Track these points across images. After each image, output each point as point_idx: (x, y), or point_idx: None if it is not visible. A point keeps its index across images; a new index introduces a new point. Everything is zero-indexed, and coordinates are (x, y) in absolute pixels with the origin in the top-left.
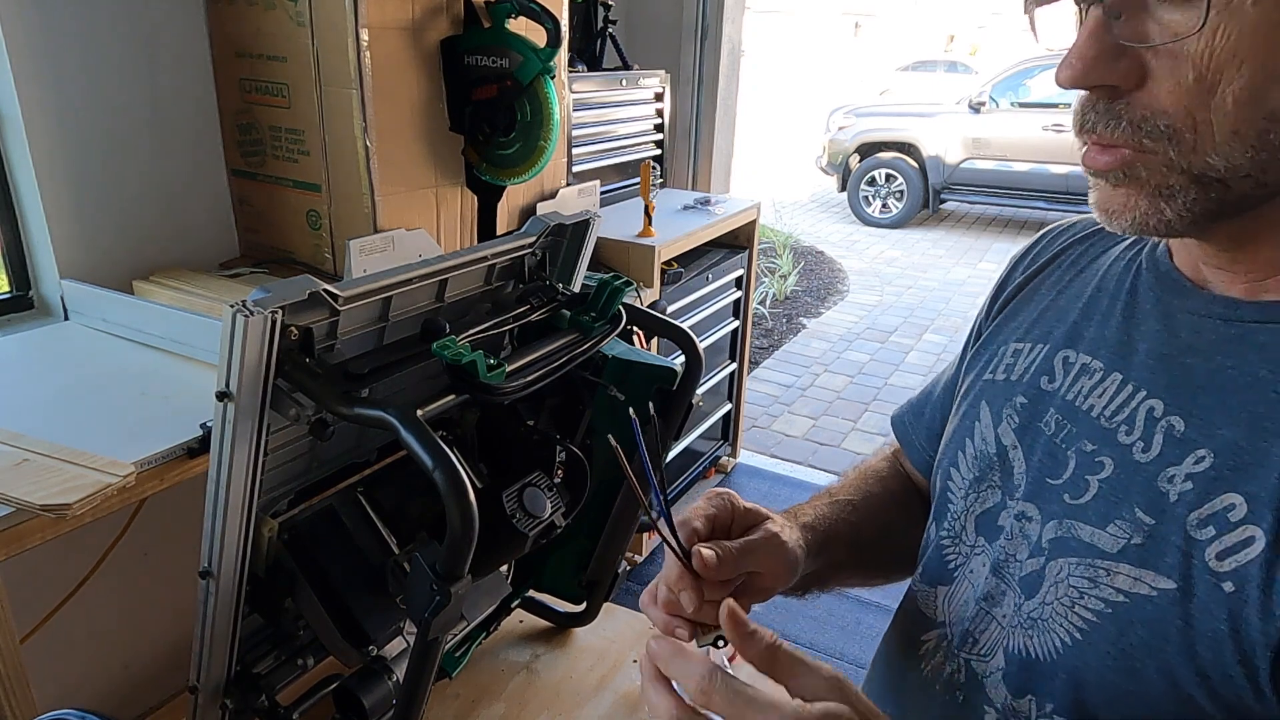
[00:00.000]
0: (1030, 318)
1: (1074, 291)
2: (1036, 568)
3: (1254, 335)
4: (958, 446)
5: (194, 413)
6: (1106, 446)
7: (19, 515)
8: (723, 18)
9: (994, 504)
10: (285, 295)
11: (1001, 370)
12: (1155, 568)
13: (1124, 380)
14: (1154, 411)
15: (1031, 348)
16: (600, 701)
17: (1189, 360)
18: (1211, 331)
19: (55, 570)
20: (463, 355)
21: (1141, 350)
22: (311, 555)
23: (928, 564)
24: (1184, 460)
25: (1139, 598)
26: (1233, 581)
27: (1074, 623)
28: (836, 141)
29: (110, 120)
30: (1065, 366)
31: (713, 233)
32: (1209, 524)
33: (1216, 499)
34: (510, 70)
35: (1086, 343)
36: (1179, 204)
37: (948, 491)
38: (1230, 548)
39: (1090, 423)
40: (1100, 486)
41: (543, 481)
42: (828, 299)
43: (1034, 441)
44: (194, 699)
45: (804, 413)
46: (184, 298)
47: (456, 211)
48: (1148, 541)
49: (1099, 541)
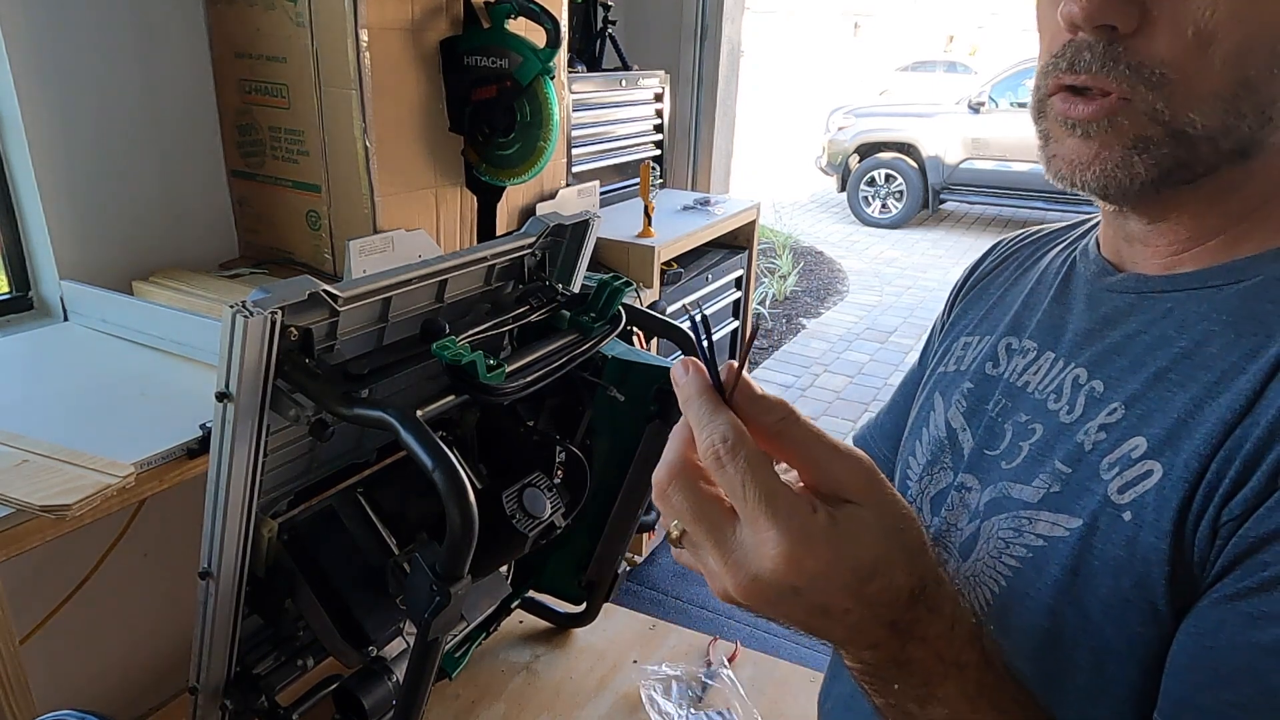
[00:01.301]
0: (979, 314)
1: (1019, 288)
2: (972, 531)
3: (1162, 303)
4: (915, 437)
5: (194, 413)
6: (1038, 415)
7: (19, 516)
8: (722, 18)
9: (945, 484)
10: (285, 296)
11: (953, 362)
12: (1069, 510)
13: (1055, 357)
14: (1079, 379)
15: (980, 339)
16: (600, 702)
17: (1108, 332)
18: (1126, 304)
19: (55, 570)
20: (463, 355)
21: (1069, 329)
22: (311, 556)
23: None
24: (1098, 415)
25: (1054, 539)
26: (1130, 510)
27: (1000, 572)
28: (836, 142)
29: (110, 120)
30: (1008, 352)
31: (712, 233)
32: (1115, 465)
33: (1124, 443)
34: (510, 71)
35: (1026, 330)
36: (1150, 159)
37: (905, 479)
38: (1130, 481)
39: (1026, 397)
40: (1030, 449)
41: (542, 482)
42: (827, 299)
43: (979, 422)
44: (194, 699)
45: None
46: (184, 298)
47: (456, 212)
48: (1064, 489)
49: (1024, 495)
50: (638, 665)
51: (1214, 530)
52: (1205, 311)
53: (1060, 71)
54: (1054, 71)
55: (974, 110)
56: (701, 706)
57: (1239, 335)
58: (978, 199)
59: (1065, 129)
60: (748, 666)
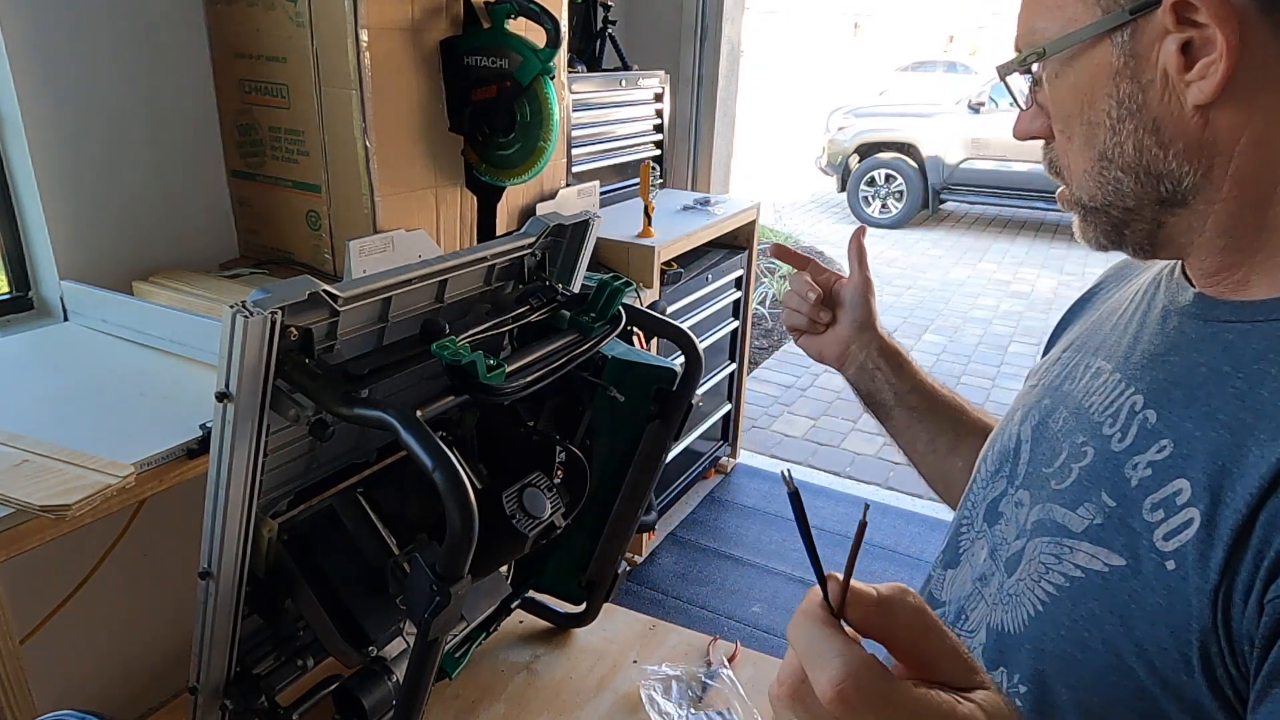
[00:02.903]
0: (1077, 331)
1: (1112, 306)
2: (1019, 548)
3: (1224, 334)
4: (992, 444)
5: (194, 413)
6: (1093, 438)
7: (19, 516)
8: (722, 18)
9: (999, 492)
10: (285, 296)
11: (1044, 376)
12: (1110, 546)
13: (1121, 379)
14: (1135, 405)
15: (1070, 356)
16: (600, 702)
17: (1172, 358)
18: (1193, 330)
19: (55, 570)
20: (462, 356)
21: (1139, 351)
22: (311, 556)
23: (945, 548)
24: (1149, 449)
25: (1093, 573)
26: (1174, 560)
27: (1039, 596)
28: (836, 142)
29: (110, 121)
30: (1085, 370)
31: (712, 233)
32: (1160, 508)
33: (1169, 484)
34: (510, 71)
35: (1105, 349)
36: (1094, 228)
37: (975, 480)
38: (1175, 529)
39: (1086, 417)
40: (1080, 473)
41: (542, 482)
42: None
43: (1042, 436)
44: (194, 699)
45: (804, 413)
46: (183, 298)
47: (456, 212)
48: (1107, 522)
49: (1069, 522)
50: (638, 665)
51: (1260, 606)
52: (1263, 350)
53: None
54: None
55: (974, 110)
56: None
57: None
58: (978, 199)
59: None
60: (748, 666)
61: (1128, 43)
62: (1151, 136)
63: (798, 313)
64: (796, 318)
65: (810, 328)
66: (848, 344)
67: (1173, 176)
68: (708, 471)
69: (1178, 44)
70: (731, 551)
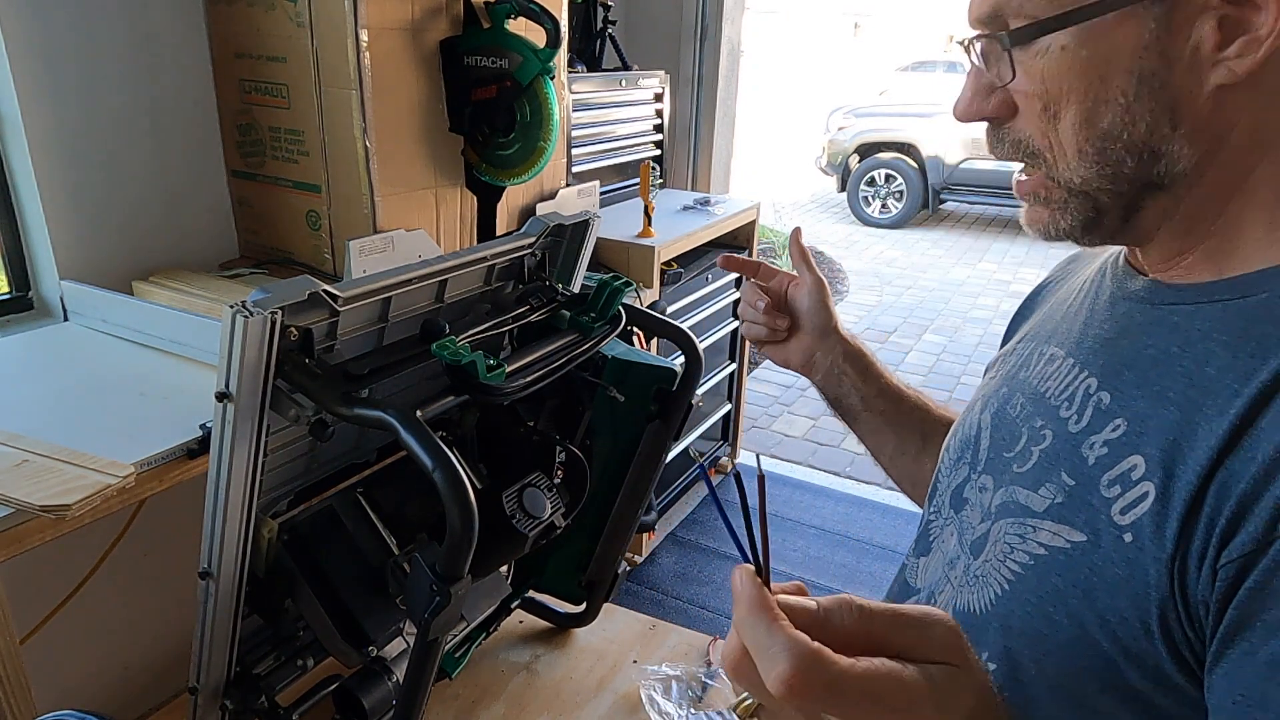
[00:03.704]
0: (1031, 323)
1: (1061, 296)
2: (984, 531)
3: (1170, 316)
4: (954, 433)
5: (194, 413)
6: (1051, 421)
7: (19, 516)
8: (722, 18)
9: (962, 479)
10: (285, 296)
11: (1001, 367)
12: (1071, 523)
13: (1074, 363)
14: (1090, 388)
15: (1024, 347)
16: (600, 702)
17: (1123, 342)
18: (1140, 314)
19: (55, 570)
20: (462, 356)
21: (1091, 336)
22: (311, 556)
23: (918, 539)
24: (1104, 429)
25: (1056, 550)
26: (1131, 533)
27: (1004, 575)
28: (836, 142)
29: (110, 121)
30: (1039, 358)
31: (712, 233)
32: (1116, 483)
33: (1124, 461)
34: (510, 71)
35: (1057, 336)
36: (1068, 214)
37: (939, 471)
38: (1131, 503)
39: (1043, 401)
40: (1040, 455)
41: (542, 482)
42: None
43: (1000, 422)
44: (194, 700)
45: (804, 413)
46: (183, 298)
47: (456, 212)
48: (1068, 500)
49: (1031, 503)
50: (638, 665)
51: (1214, 571)
52: (1208, 330)
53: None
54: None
55: None
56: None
57: (1235, 356)
58: (978, 199)
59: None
60: None
61: (1163, 16)
62: (1166, 115)
63: (754, 323)
64: (754, 328)
65: (770, 335)
66: (811, 350)
67: (1172, 158)
68: (708, 471)
69: (1217, 19)
70: (731, 551)
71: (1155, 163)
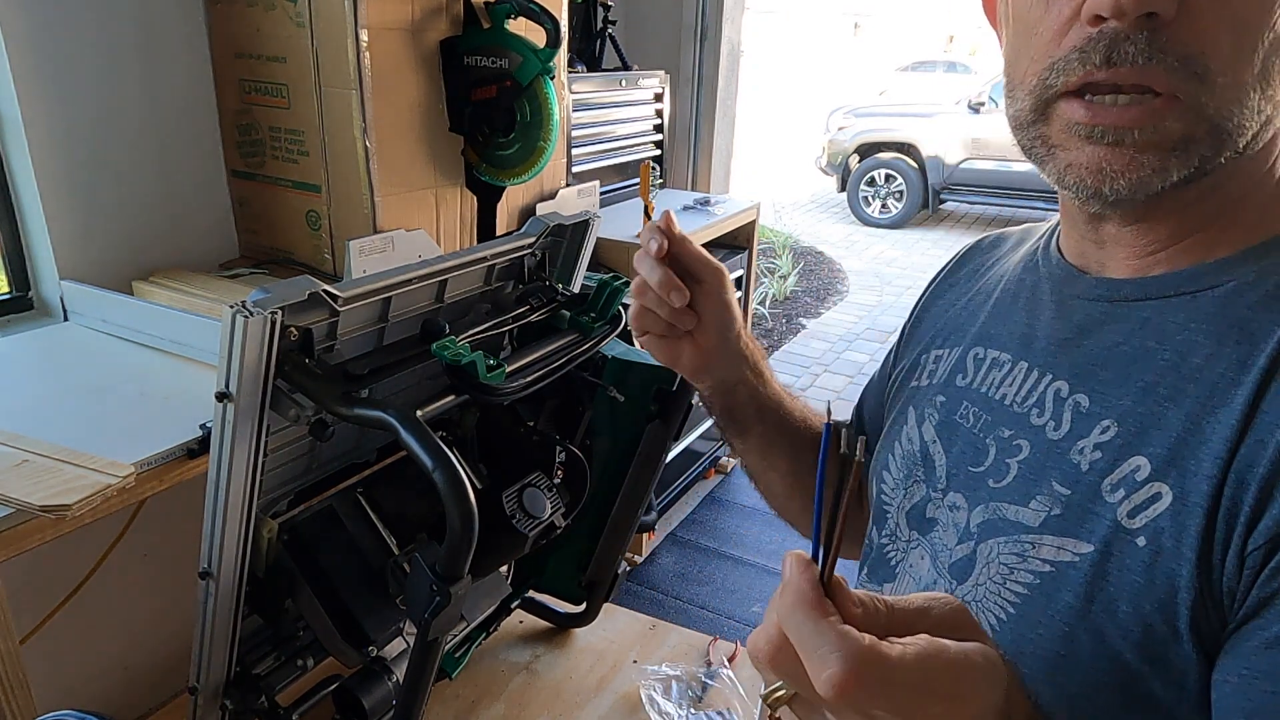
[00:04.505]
0: (945, 324)
1: (980, 296)
2: (966, 553)
3: (1137, 312)
4: (888, 451)
5: (194, 413)
6: (1022, 430)
7: (19, 516)
8: (722, 18)
9: (920, 498)
10: (285, 296)
11: (925, 376)
12: (1075, 535)
13: (1030, 367)
14: (1060, 392)
15: (948, 352)
16: (600, 702)
17: (1085, 341)
18: (1100, 312)
19: (55, 570)
20: (462, 356)
21: (1041, 338)
22: (311, 556)
23: (871, 565)
24: (1091, 432)
25: (1063, 565)
26: (1144, 536)
27: (1007, 599)
28: (836, 142)
29: (110, 121)
30: (976, 362)
31: (712, 233)
32: (1119, 487)
33: (1124, 463)
34: (510, 71)
35: (994, 339)
36: (1186, 160)
37: (881, 494)
38: (1139, 505)
39: (1004, 410)
40: (1019, 468)
41: (542, 482)
42: (827, 299)
43: (953, 435)
44: (194, 700)
45: None
46: (183, 298)
47: (456, 212)
48: (1066, 511)
49: (1023, 518)
50: (638, 665)
51: (1241, 560)
52: (1183, 321)
53: (1092, 66)
54: (1078, 67)
55: (974, 110)
56: (701, 706)
57: (1222, 344)
58: (978, 199)
59: (1082, 136)
60: (748, 666)
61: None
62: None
63: (653, 312)
64: (651, 320)
65: (667, 331)
66: (709, 353)
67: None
68: (708, 471)
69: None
70: (731, 551)
71: (1270, 125)
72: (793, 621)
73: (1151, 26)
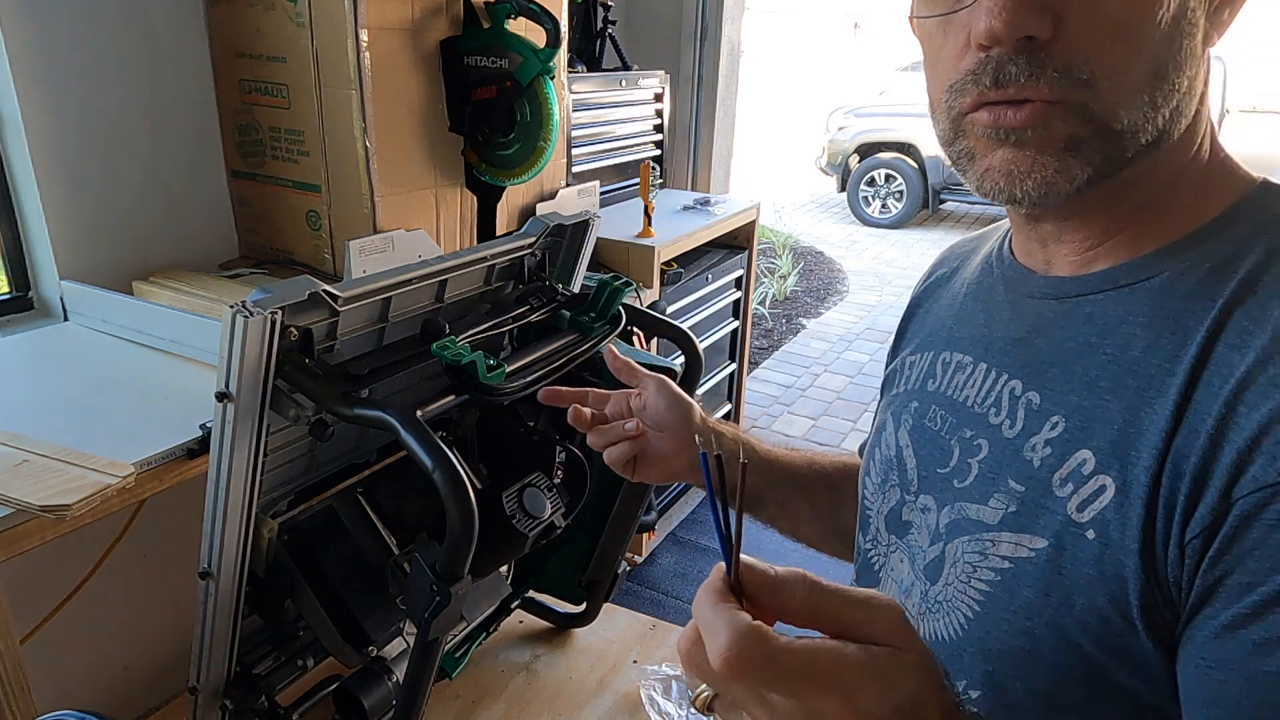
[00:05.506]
0: (919, 332)
1: (947, 301)
2: (937, 553)
3: (1081, 307)
4: (870, 457)
5: (194, 413)
6: (981, 430)
7: (19, 516)
8: (722, 18)
9: (895, 502)
10: (285, 296)
11: (902, 383)
12: (1030, 530)
13: (989, 368)
14: (1014, 390)
15: (921, 357)
16: (600, 702)
17: (1037, 340)
18: (1049, 311)
19: (55, 570)
20: (462, 356)
21: (998, 339)
22: (311, 556)
23: (859, 571)
24: (1042, 429)
25: (1021, 560)
26: (1093, 529)
27: (972, 597)
28: (836, 142)
29: (110, 121)
30: (944, 366)
31: (712, 233)
32: (1068, 481)
33: (1071, 457)
34: (510, 71)
35: (958, 342)
36: (1083, 159)
37: (864, 500)
38: (1087, 498)
39: (967, 411)
40: (980, 467)
41: (542, 482)
42: (827, 299)
43: (922, 438)
44: (194, 700)
45: (804, 413)
46: (183, 298)
47: (456, 212)
48: (1021, 508)
49: (983, 516)
50: (638, 665)
51: (1181, 550)
52: (1123, 315)
53: (984, 88)
54: (971, 89)
55: None
56: None
57: (1158, 336)
58: (977, 199)
59: (994, 141)
60: None
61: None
62: (1192, 60)
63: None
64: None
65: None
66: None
67: (1179, 115)
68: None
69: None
70: None
71: (1177, 118)
72: (697, 610)
73: (1030, 48)
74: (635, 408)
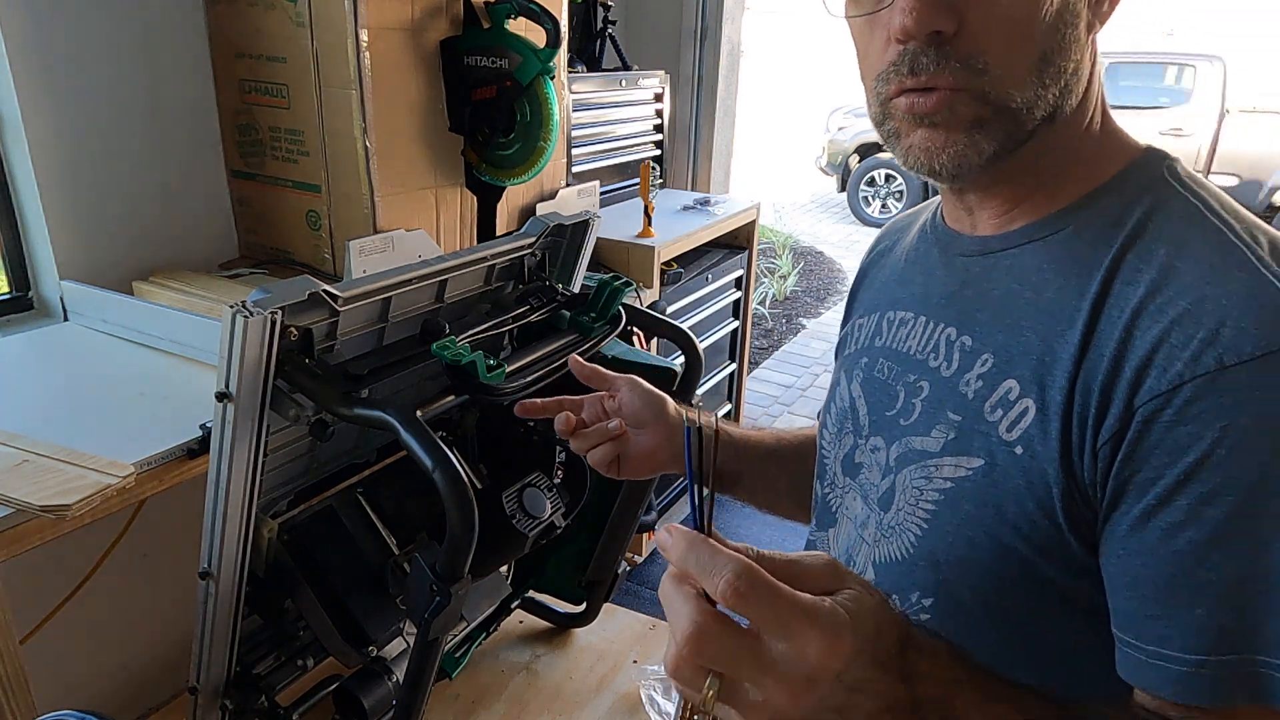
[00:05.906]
0: (866, 298)
1: (890, 268)
2: (888, 486)
3: (1004, 260)
4: (827, 410)
5: (194, 413)
6: (924, 374)
7: (19, 516)
8: (722, 18)
9: (849, 447)
10: (285, 296)
11: (853, 344)
12: (968, 452)
13: (928, 320)
14: (950, 336)
15: (869, 319)
16: (600, 702)
17: (967, 292)
18: (976, 266)
19: (55, 570)
20: (462, 356)
21: (935, 294)
22: (311, 556)
23: (818, 515)
24: (974, 366)
25: (960, 479)
26: (1021, 445)
27: (920, 517)
28: (836, 142)
29: (110, 121)
30: (889, 324)
31: (712, 233)
32: (998, 408)
33: (999, 387)
34: (510, 71)
35: (901, 301)
36: (988, 136)
37: (822, 449)
38: (1014, 420)
39: (910, 359)
40: (922, 405)
41: (542, 482)
42: (827, 299)
43: (872, 388)
44: (194, 699)
45: (804, 413)
46: (183, 298)
47: (456, 212)
48: (959, 435)
49: (927, 446)
50: (638, 665)
51: (1095, 456)
52: (1037, 264)
53: (903, 77)
54: (894, 78)
55: None
56: None
57: (1067, 279)
58: None
59: (913, 124)
60: None
61: None
62: (1076, 46)
63: (598, 446)
64: (600, 451)
65: (620, 447)
66: (658, 436)
67: (1068, 93)
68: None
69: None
70: None
71: (1066, 95)
72: (691, 557)
73: (938, 41)
74: (611, 409)
